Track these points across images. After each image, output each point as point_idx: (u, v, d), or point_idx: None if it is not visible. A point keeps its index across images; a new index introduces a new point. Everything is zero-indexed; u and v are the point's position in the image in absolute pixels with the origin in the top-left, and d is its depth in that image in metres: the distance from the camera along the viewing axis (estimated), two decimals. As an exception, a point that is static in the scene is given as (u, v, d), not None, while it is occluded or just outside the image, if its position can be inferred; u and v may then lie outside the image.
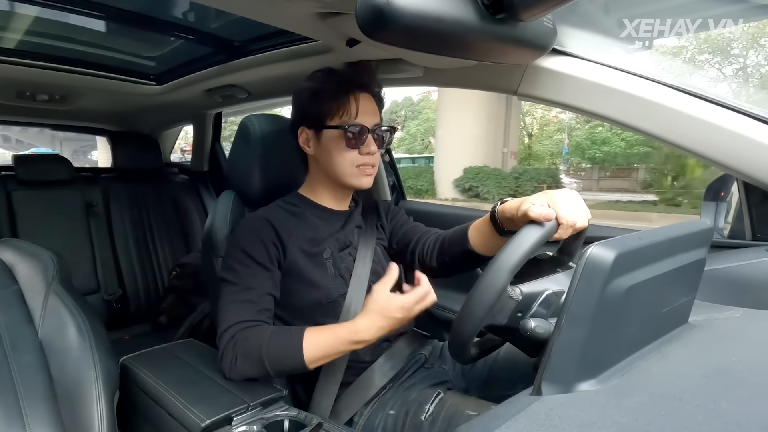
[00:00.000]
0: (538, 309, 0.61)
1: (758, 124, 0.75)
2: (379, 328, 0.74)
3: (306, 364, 0.74)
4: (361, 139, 0.85)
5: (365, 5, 0.55)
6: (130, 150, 1.98)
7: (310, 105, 0.88)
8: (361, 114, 0.85)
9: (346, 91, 0.85)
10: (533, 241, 0.60)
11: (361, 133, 0.85)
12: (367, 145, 0.86)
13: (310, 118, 0.88)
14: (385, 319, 0.74)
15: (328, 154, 0.87)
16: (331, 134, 0.86)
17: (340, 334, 0.75)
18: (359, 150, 0.86)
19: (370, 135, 0.86)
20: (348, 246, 0.92)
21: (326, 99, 0.85)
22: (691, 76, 12.65)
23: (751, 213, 0.88)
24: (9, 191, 1.70)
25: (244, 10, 0.89)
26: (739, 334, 0.58)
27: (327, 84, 0.86)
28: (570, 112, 1.07)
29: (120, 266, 1.82)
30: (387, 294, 0.75)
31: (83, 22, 1.26)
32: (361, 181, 0.89)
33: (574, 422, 0.39)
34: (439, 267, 0.92)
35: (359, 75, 0.88)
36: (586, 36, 0.96)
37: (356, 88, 0.86)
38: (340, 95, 0.85)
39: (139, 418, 0.82)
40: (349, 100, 0.85)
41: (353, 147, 0.85)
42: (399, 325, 0.76)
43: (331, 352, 0.76)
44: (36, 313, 0.76)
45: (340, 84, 0.86)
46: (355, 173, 0.88)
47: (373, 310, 0.74)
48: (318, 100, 0.86)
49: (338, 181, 0.90)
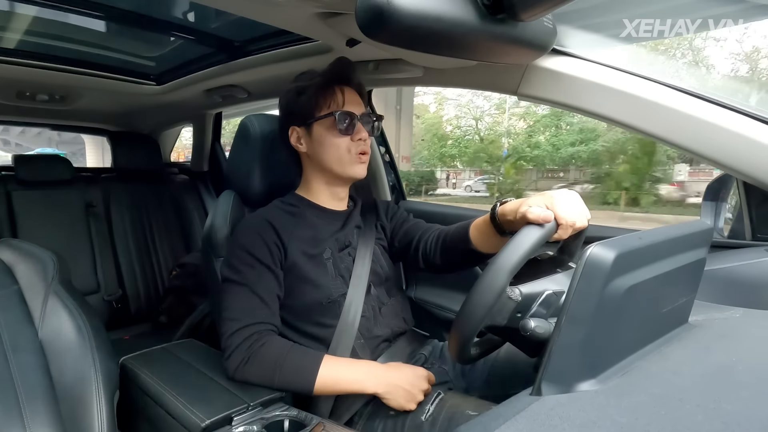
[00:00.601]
0: (538, 309, 0.61)
1: (758, 124, 0.75)
2: (392, 376, 0.79)
3: (312, 390, 0.76)
4: (352, 125, 0.88)
5: (365, 5, 0.55)
6: (130, 150, 1.98)
7: (297, 103, 0.90)
8: (347, 103, 0.88)
9: (331, 84, 0.88)
10: (532, 243, 0.60)
11: (352, 120, 0.87)
12: (358, 132, 0.88)
13: (299, 116, 0.90)
14: (397, 371, 0.80)
15: (321, 146, 0.89)
16: (321, 125, 0.88)
17: (357, 366, 0.81)
18: (351, 137, 0.88)
19: (359, 122, 0.88)
20: (347, 246, 0.92)
21: (313, 93, 0.88)
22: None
23: (751, 213, 0.88)
24: (9, 191, 1.69)
25: (244, 10, 0.89)
26: (739, 334, 0.58)
27: (312, 80, 0.89)
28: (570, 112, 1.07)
29: (120, 266, 1.82)
30: (404, 363, 0.84)
31: (83, 22, 1.26)
32: (355, 169, 0.90)
33: (574, 422, 0.39)
34: (442, 264, 0.93)
35: (341, 69, 0.90)
36: (585, 36, 0.96)
37: (340, 82, 0.89)
38: (326, 87, 0.88)
39: (139, 418, 0.82)
40: (335, 90, 0.88)
41: (345, 133, 0.88)
42: (405, 391, 0.78)
43: (343, 382, 0.78)
44: (36, 313, 0.76)
45: (324, 78, 0.89)
46: (349, 160, 0.89)
47: (390, 363, 0.83)
48: (305, 96, 0.89)
49: (333, 172, 0.91)
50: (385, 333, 0.90)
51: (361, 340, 0.87)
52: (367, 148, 0.91)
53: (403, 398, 0.77)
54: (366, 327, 0.88)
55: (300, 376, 0.76)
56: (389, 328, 0.91)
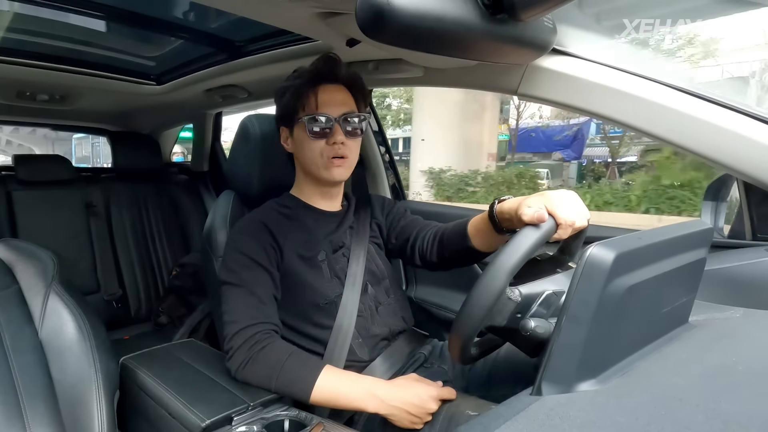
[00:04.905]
0: (538, 309, 0.61)
1: (758, 124, 0.75)
2: (396, 397, 0.74)
3: (309, 398, 0.74)
4: (326, 129, 0.86)
5: (365, 5, 0.55)
6: (130, 150, 1.98)
7: (281, 104, 0.91)
8: (323, 105, 0.86)
9: (307, 85, 0.87)
10: (531, 244, 0.60)
11: (326, 124, 0.86)
12: (334, 135, 0.86)
13: (284, 117, 0.91)
14: (403, 391, 0.75)
15: (300, 149, 0.89)
16: (300, 128, 0.88)
17: (360, 381, 0.77)
18: (326, 140, 0.87)
19: (337, 125, 0.86)
20: (341, 247, 0.92)
21: (290, 96, 0.88)
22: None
23: (751, 213, 0.88)
24: (9, 191, 1.69)
25: (244, 10, 0.89)
26: (739, 334, 0.58)
27: (294, 81, 0.89)
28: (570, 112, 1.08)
29: (120, 266, 1.82)
30: (417, 378, 0.79)
31: (83, 22, 1.26)
32: (331, 173, 0.88)
33: (574, 422, 0.39)
34: (440, 261, 0.92)
35: (321, 67, 0.89)
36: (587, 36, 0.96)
37: (319, 81, 0.88)
38: (302, 90, 0.87)
39: (139, 418, 0.82)
40: (308, 93, 0.87)
41: (318, 137, 0.86)
42: (409, 414, 0.75)
43: (343, 396, 0.75)
44: (36, 313, 0.76)
45: (302, 79, 0.88)
46: (324, 164, 0.88)
47: (399, 381, 0.78)
48: (285, 98, 0.89)
49: (312, 174, 0.91)
50: (383, 332, 0.90)
51: (359, 340, 0.87)
52: (346, 151, 0.88)
53: (407, 420, 0.75)
54: (363, 326, 0.88)
55: (297, 384, 0.74)
56: (387, 327, 0.91)
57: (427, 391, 0.76)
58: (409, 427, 0.75)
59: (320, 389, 0.74)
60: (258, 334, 0.77)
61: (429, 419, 0.75)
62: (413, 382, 0.78)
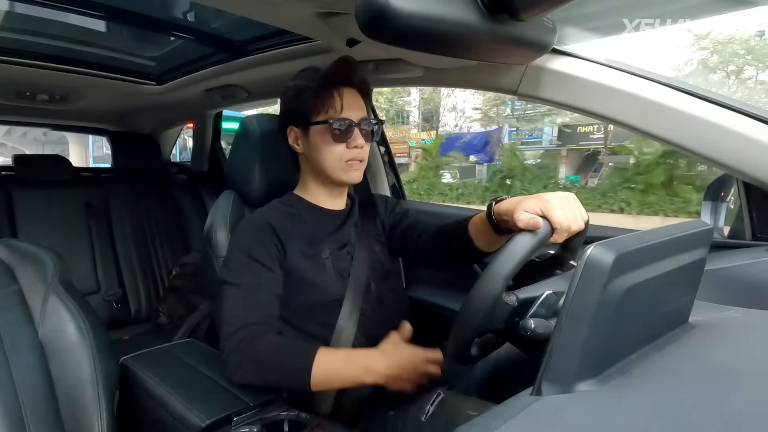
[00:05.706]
0: (537, 309, 0.61)
1: (758, 124, 0.75)
2: (391, 365, 0.75)
3: (310, 384, 0.73)
4: (348, 132, 0.86)
5: (365, 5, 0.55)
6: (130, 150, 1.98)
7: (295, 103, 0.88)
8: (346, 108, 0.86)
9: (329, 87, 0.86)
10: (527, 250, 0.61)
11: (348, 127, 0.86)
12: (354, 139, 0.86)
13: (297, 116, 0.89)
14: (395, 357, 0.76)
15: (317, 151, 0.88)
16: (317, 130, 0.87)
17: (354, 359, 0.77)
18: (347, 144, 0.86)
19: (356, 129, 0.86)
20: (346, 245, 0.92)
21: (310, 96, 0.86)
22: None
23: (751, 213, 0.88)
24: (9, 191, 1.69)
25: (244, 10, 0.89)
26: (739, 334, 0.58)
27: (311, 81, 0.87)
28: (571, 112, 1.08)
29: (120, 266, 1.82)
30: (400, 340, 0.79)
31: (83, 22, 1.26)
32: (350, 176, 0.89)
33: (575, 422, 0.39)
34: (442, 260, 0.93)
35: (342, 70, 0.88)
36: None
37: (340, 83, 0.87)
38: (324, 91, 0.86)
39: (139, 418, 0.82)
40: (333, 95, 0.86)
41: (340, 141, 0.86)
42: (406, 378, 0.76)
43: (340, 376, 0.75)
44: (36, 313, 0.76)
45: (323, 80, 0.87)
46: (343, 168, 0.88)
47: (386, 347, 0.78)
48: (303, 98, 0.87)
49: (328, 177, 0.90)
50: (385, 331, 0.90)
51: (362, 339, 0.87)
52: (364, 155, 0.89)
53: (409, 384, 0.76)
54: (366, 325, 0.88)
55: (294, 373, 0.74)
56: (389, 326, 0.91)
57: (415, 353, 0.77)
58: (408, 388, 0.76)
59: (319, 370, 0.73)
60: (248, 335, 0.75)
61: (424, 381, 0.77)
62: (402, 346, 0.78)
